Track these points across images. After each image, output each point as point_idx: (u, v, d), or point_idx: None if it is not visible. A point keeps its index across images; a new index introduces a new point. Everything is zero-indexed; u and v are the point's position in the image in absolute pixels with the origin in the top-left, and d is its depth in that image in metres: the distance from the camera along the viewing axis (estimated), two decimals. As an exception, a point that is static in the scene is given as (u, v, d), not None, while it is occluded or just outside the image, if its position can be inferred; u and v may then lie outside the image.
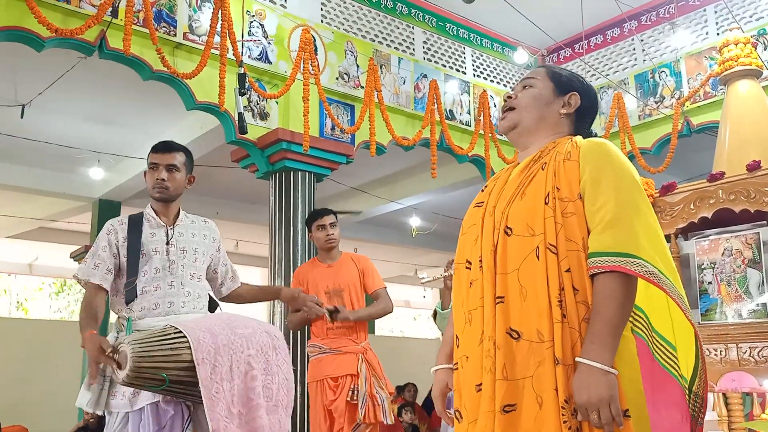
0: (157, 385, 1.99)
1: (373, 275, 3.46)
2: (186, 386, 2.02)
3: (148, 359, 1.96)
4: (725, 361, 2.71)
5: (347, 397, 3.19)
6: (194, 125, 5.94)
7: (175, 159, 2.36)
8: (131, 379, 1.97)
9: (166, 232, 2.34)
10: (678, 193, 2.96)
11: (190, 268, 2.33)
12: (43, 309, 13.16)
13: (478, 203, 1.54)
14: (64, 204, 8.14)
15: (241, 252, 10.65)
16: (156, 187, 2.33)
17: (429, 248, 10.40)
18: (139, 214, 2.38)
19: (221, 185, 7.26)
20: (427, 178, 6.71)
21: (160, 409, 2.12)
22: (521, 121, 1.54)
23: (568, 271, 1.34)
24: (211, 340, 2.04)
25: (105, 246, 2.30)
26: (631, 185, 1.39)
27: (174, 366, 1.99)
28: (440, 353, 1.62)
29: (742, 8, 5.37)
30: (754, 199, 2.70)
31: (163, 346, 2.00)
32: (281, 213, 4.70)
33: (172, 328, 2.07)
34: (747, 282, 2.72)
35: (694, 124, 5.54)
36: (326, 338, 3.34)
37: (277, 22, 4.86)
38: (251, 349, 2.13)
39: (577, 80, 1.58)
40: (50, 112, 5.95)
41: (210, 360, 2.01)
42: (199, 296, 2.33)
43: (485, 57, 6.30)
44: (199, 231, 2.43)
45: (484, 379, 1.37)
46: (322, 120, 4.97)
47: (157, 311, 2.23)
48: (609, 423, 1.25)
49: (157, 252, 2.29)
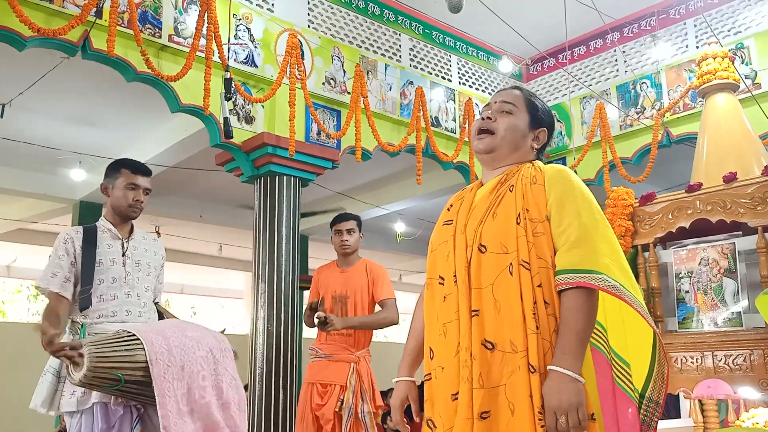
0: (113, 385, 2.09)
1: (383, 285, 3.46)
2: (139, 386, 2.12)
3: (104, 360, 2.06)
4: (701, 369, 2.75)
5: (335, 407, 3.21)
6: (178, 128, 5.91)
7: (150, 183, 2.57)
8: (88, 379, 2.05)
9: (122, 245, 2.49)
10: (657, 203, 3.01)
11: (144, 281, 2.49)
12: (21, 312, 12.93)
13: (447, 221, 1.63)
14: (45, 205, 8.03)
15: (224, 256, 10.59)
16: (132, 207, 2.50)
17: (413, 254, 10.42)
18: (93, 226, 2.51)
19: (205, 188, 7.22)
20: (412, 184, 6.75)
21: (109, 408, 2.22)
22: (498, 147, 1.64)
23: (539, 286, 1.44)
24: (163, 342, 2.15)
25: (63, 255, 2.40)
26: (592, 208, 1.51)
27: (129, 366, 2.09)
28: (401, 364, 1.71)
29: (721, 23, 5.49)
30: (730, 210, 2.76)
31: (118, 348, 2.10)
32: (266, 217, 4.69)
33: (125, 331, 2.18)
34: (723, 291, 2.78)
35: (673, 134, 5.64)
36: (324, 343, 3.39)
37: (264, 26, 4.86)
38: (201, 351, 2.24)
39: (547, 115, 1.70)
40: (31, 112, 5.88)
41: (163, 360, 2.11)
42: (151, 307, 2.52)
43: (471, 65, 6.36)
44: (150, 247, 2.60)
45: (461, 388, 1.44)
46: (308, 125, 4.98)
47: (114, 318, 2.36)
48: (575, 427, 1.34)
49: (114, 263, 2.43)
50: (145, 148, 6.47)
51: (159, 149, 6.28)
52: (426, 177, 5.73)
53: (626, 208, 3.01)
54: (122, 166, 2.54)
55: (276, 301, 4.45)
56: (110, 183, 2.52)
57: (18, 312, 12.79)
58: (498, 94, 1.70)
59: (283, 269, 4.54)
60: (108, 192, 2.53)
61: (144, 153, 6.48)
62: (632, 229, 3.01)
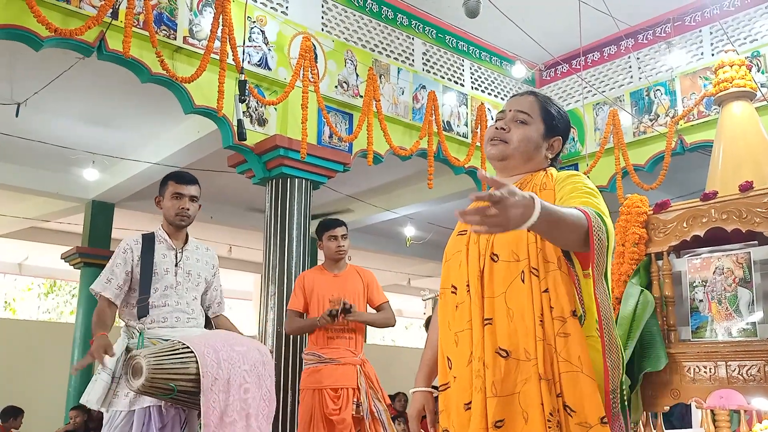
0: (166, 393, 2.26)
1: (378, 289, 3.59)
2: (188, 395, 2.29)
3: (161, 371, 2.24)
4: (714, 379, 2.72)
5: (353, 411, 3.24)
6: (191, 129, 5.94)
7: (196, 190, 2.66)
8: (146, 388, 2.23)
9: (176, 255, 2.62)
10: (671, 211, 2.98)
11: (193, 291, 2.62)
12: (32, 309, 13.04)
13: (461, 231, 1.62)
14: (57, 204, 8.10)
15: (234, 257, 10.62)
16: (179, 215, 2.61)
17: (423, 258, 10.41)
18: (151, 234, 2.65)
19: (217, 189, 7.25)
20: (423, 188, 6.74)
21: (163, 410, 2.39)
22: (511, 157, 1.61)
23: (546, 292, 1.43)
24: (213, 355, 2.31)
25: (120, 263, 2.54)
26: (599, 201, 1.49)
27: (182, 377, 2.26)
28: (419, 375, 1.70)
29: (737, 30, 5.45)
30: (745, 219, 2.73)
31: (173, 360, 2.27)
32: (277, 219, 4.70)
33: (180, 343, 2.33)
34: (738, 301, 2.74)
35: (687, 142, 5.60)
36: (325, 347, 3.37)
37: (278, 28, 4.88)
38: (246, 365, 2.40)
39: (563, 122, 1.66)
40: (46, 111, 5.94)
41: (212, 373, 2.28)
42: (199, 315, 2.65)
43: (483, 70, 6.35)
44: (202, 257, 2.72)
45: (474, 398, 1.43)
46: (320, 128, 4.99)
47: (165, 324, 2.51)
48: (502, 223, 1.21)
49: (167, 272, 2.56)
50: (158, 149, 6.51)
51: (172, 150, 6.32)
52: (437, 181, 5.73)
53: (640, 215, 2.98)
54: (168, 177, 2.69)
55: (285, 303, 4.45)
56: (161, 195, 2.68)
57: (29, 310, 12.90)
58: (512, 102, 1.66)
59: (293, 271, 4.55)
60: (160, 204, 2.67)
61: (157, 154, 6.53)
62: (646, 237, 2.98)
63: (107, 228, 7.81)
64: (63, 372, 7.10)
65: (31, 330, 7.95)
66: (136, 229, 7.91)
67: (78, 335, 7.31)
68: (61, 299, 13.45)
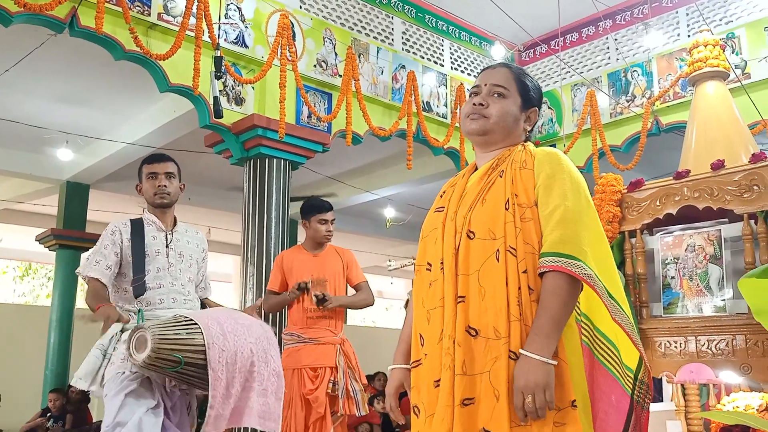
0: (173, 366, 2.15)
1: (357, 268, 3.59)
2: (196, 368, 2.19)
3: (166, 342, 2.13)
4: (684, 353, 2.80)
5: (327, 389, 3.26)
6: (167, 108, 5.84)
7: (171, 167, 2.63)
8: (151, 360, 2.11)
9: (166, 236, 2.59)
10: (645, 189, 3.03)
11: (186, 272, 2.59)
12: (7, 293, 12.83)
13: (438, 208, 1.61)
14: (31, 185, 7.93)
15: (213, 239, 10.52)
16: (158, 194, 2.58)
17: (402, 239, 10.45)
18: (139, 219, 2.62)
19: (194, 171, 7.15)
20: (403, 169, 6.74)
21: (167, 390, 2.36)
22: (491, 131, 1.60)
23: (525, 272, 1.44)
24: (218, 327, 2.24)
25: (108, 245, 2.50)
26: (579, 193, 1.50)
27: (188, 348, 2.16)
28: (397, 352, 1.70)
29: (713, 12, 5.50)
30: (717, 197, 2.79)
31: (179, 331, 2.18)
32: (255, 200, 4.67)
33: (182, 316, 2.27)
34: (708, 277, 2.81)
35: (663, 123, 5.67)
36: (305, 327, 3.38)
37: (255, 5, 4.80)
38: (251, 338, 2.33)
39: (537, 92, 1.67)
40: (17, 90, 5.78)
41: (219, 344, 2.20)
42: (194, 296, 2.63)
43: (463, 50, 6.33)
44: (192, 239, 2.70)
45: (442, 375, 1.44)
46: (299, 107, 4.94)
47: (162, 305, 2.47)
48: (542, 407, 1.34)
49: (159, 253, 2.53)
50: (134, 129, 6.40)
51: (147, 130, 6.21)
52: (416, 162, 5.73)
53: (614, 194, 3.03)
54: (142, 162, 2.67)
55: (264, 285, 4.45)
56: (139, 181, 2.66)
57: (4, 293, 12.69)
58: (487, 75, 1.63)
59: (272, 252, 4.54)
60: (141, 191, 2.65)
61: (132, 134, 6.41)
62: (620, 215, 3.03)
63: (82, 209, 7.67)
64: (39, 355, 7.02)
65: (6, 313, 7.82)
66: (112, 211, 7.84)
67: (54, 318, 7.22)
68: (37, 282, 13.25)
